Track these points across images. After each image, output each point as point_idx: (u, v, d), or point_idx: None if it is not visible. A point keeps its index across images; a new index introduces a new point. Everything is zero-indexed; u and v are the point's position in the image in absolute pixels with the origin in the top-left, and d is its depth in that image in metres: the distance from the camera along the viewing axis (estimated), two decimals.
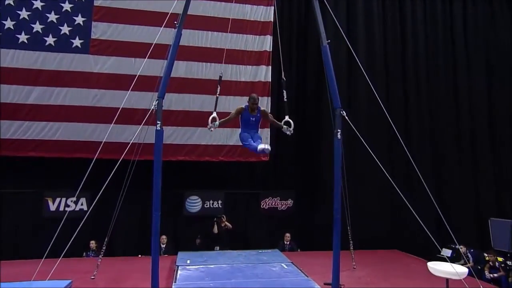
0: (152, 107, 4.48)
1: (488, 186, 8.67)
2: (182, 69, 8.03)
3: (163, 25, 5.51)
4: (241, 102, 8.24)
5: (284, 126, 4.97)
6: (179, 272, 5.43)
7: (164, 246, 7.66)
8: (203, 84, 8.07)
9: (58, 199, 7.98)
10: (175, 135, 7.98)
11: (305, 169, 9.13)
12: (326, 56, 4.81)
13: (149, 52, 5.45)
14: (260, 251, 6.93)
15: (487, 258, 7.17)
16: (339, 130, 4.77)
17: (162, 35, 7.96)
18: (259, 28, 8.44)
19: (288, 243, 7.96)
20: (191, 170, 8.50)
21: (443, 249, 8.54)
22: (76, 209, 8.03)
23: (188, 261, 6.00)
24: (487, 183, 8.69)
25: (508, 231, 7.57)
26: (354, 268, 6.30)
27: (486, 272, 6.94)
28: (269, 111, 8.44)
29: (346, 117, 4.73)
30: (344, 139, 8.32)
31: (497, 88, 8.87)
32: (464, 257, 7.53)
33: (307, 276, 5.27)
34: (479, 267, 7.27)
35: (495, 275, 6.81)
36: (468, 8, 9.16)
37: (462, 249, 7.43)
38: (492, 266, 6.99)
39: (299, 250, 8.02)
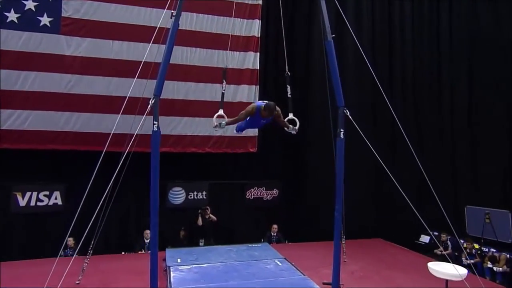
0: (149, 106, 4.11)
1: (464, 176, 9.08)
2: None
3: (167, 11, 4.91)
4: (228, 91, 7.93)
5: (290, 126, 4.73)
6: (172, 274, 5.25)
7: (148, 241, 7.40)
8: (188, 71, 7.64)
9: (28, 194, 7.38)
10: (164, 126, 7.56)
11: (291, 159, 9.08)
12: (331, 52, 4.61)
13: (156, 38, 4.92)
14: (249, 245, 6.88)
15: (464, 246, 7.58)
16: (342, 130, 4.67)
17: (143, 16, 7.44)
18: (247, 11, 8.04)
19: (275, 234, 7.98)
20: (174, 161, 8.16)
21: (422, 235, 9.02)
22: (49, 204, 7.54)
23: (179, 260, 5.82)
24: (463, 173, 9.09)
25: (482, 218, 8.02)
26: (344, 261, 6.41)
27: (463, 259, 7.34)
28: (253, 100, 8.27)
29: (350, 117, 4.63)
30: (326, 128, 8.34)
31: (477, 82, 9.15)
32: (442, 244, 7.94)
33: (304, 275, 5.29)
34: (456, 254, 7.72)
35: (472, 261, 7.23)
36: (454, 5, 9.23)
37: (444, 237, 7.83)
38: (469, 253, 7.41)
39: (286, 241, 8.06)
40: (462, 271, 4.07)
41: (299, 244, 7.75)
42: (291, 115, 4.92)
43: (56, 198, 7.59)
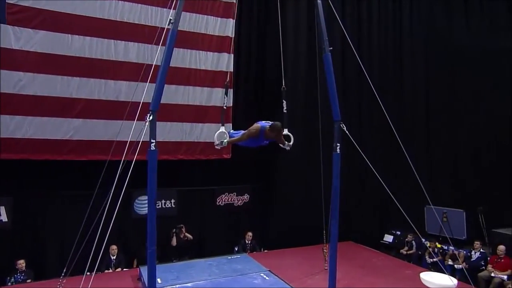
0: (146, 122, 3.76)
1: (423, 176, 9.81)
2: (134, 52, 6.97)
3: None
4: (202, 93, 7.70)
5: (286, 142, 4.66)
6: None
7: (114, 257, 6.89)
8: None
9: None
10: (127, 130, 6.95)
11: (262, 163, 9.04)
12: (328, 65, 4.62)
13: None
14: (229, 257, 6.74)
15: (428, 245, 8.22)
16: (338, 144, 4.73)
17: (107, 9, 6.80)
18: (220, 9, 7.74)
19: (249, 242, 7.91)
20: (139, 166, 7.67)
21: (385, 235, 9.61)
22: None
23: (159, 280, 5.48)
24: (422, 174, 9.81)
25: (440, 217, 8.76)
26: (325, 268, 6.57)
27: (427, 257, 7.97)
28: (231, 105, 8.08)
29: (347, 131, 4.70)
30: (298, 133, 8.39)
31: (433, 81, 9.95)
32: (407, 244, 8.53)
33: None
34: (420, 253, 8.35)
35: (434, 259, 7.87)
36: (414, 6, 9.93)
37: (410, 237, 8.41)
38: (431, 252, 8.05)
39: (262, 249, 8.04)
40: (453, 281, 4.39)
41: (275, 252, 7.76)
42: (285, 131, 4.79)
43: (0, 214, 6.72)
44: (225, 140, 4.31)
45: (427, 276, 4.60)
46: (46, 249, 7.05)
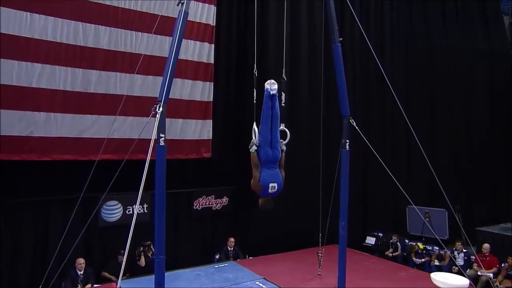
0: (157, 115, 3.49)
1: (403, 177, 10.26)
2: (105, 38, 6.48)
3: None
4: (182, 86, 7.40)
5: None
6: None
7: (81, 273, 6.37)
8: (134, 60, 6.70)
9: None
10: (97, 126, 6.48)
11: (243, 162, 8.87)
12: (338, 57, 4.60)
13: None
14: (216, 265, 6.53)
15: (413, 245, 8.57)
16: (347, 141, 4.73)
17: None
18: None
19: (232, 248, 7.72)
20: (107, 167, 7.17)
21: (367, 237, 9.87)
22: None
23: None
24: (402, 175, 10.26)
25: (422, 217, 9.18)
26: (319, 274, 6.59)
27: (414, 259, 8.29)
28: (211, 100, 7.86)
29: (357, 127, 4.71)
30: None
31: (413, 78, 10.46)
32: (391, 245, 8.83)
33: None
34: (405, 254, 8.68)
35: (422, 260, 8.22)
36: (394, 8, 10.40)
37: (394, 238, 8.70)
38: (417, 253, 8.41)
39: (247, 256, 7.88)
40: (464, 281, 4.57)
41: (261, 258, 7.61)
42: (282, 126, 4.35)
43: None
44: (254, 147, 3.90)
45: (438, 276, 4.75)
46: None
